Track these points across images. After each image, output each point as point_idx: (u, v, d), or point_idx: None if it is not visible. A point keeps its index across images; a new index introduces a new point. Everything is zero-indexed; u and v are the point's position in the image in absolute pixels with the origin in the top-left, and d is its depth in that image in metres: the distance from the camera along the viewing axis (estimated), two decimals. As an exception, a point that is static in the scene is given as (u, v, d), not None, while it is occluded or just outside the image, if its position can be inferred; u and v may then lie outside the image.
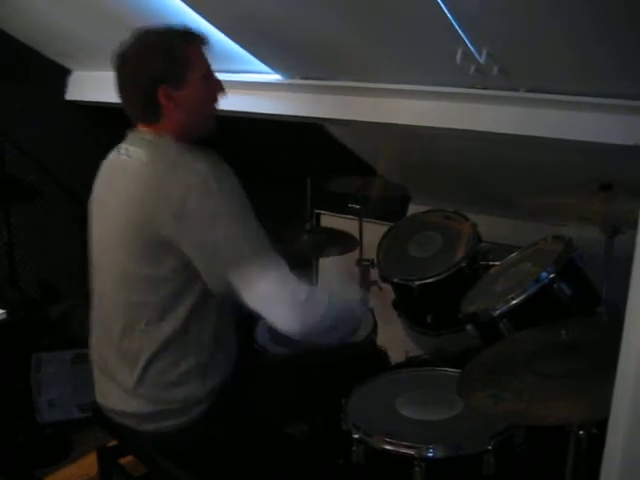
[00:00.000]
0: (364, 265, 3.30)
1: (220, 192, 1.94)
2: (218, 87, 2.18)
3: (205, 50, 2.12)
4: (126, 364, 2.14)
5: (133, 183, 2.05)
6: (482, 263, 2.91)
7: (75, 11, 3.04)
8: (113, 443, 2.45)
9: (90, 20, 3.05)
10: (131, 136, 2.16)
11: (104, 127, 3.87)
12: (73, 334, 3.50)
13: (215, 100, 2.19)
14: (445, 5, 2.02)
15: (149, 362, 2.10)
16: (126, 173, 2.10)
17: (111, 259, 2.14)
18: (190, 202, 1.92)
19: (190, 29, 2.09)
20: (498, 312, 2.38)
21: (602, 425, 1.53)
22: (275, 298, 2.00)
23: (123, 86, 2.10)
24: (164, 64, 2.03)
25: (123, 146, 2.15)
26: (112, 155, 2.20)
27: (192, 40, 2.08)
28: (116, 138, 2.23)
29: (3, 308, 2.91)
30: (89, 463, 2.95)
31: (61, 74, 3.82)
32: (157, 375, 2.11)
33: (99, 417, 2.30)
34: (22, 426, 3.29)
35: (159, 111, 2.06)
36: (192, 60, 2.07)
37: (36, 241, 3.79)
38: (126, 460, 2.45)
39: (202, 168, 1.94)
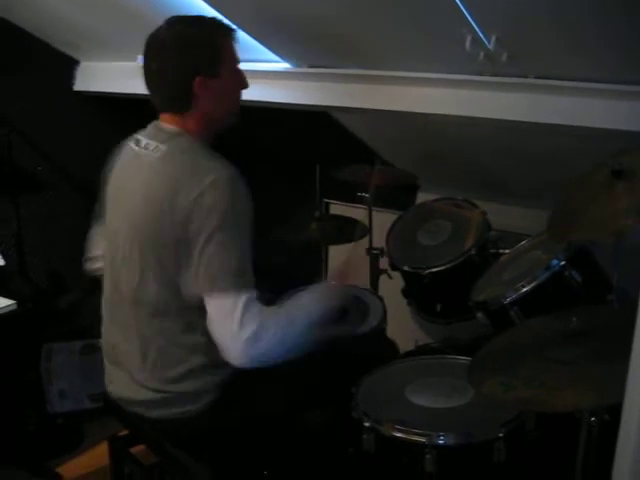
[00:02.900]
0: (373, 254, 3.30)
1: (232, 205, 1.94)
2: (243, 81, 2.19)
3: (235, 43, 2.13)
4: (134, 355, 2.15)
5: (149, 180, 2.05)
6: (492, 251, 2.90)
7: (83, 2, 3.03)
8: (124, 433, 2.46)
9: (98, 11, 3.05)
10: (151, 128, 2.16)
11: (112, 117, 3.88)
12: (82, 324, 3.51)
13: (240, 94, 2.21)
14: (454, -9, 2.02)
15: (157, 355, 2.11)
16: (143, 169, 2.08)
17: (124, 253, 2.13)
18: (201, 208, 1.92)
19: (222, 21, 2.12)
20: (509, 300, 2.38)
21: (614, 411, 1.53)
22: (225, 323, 1.96)
23: (156, 74, 2.09)
24: (203, 54, 2.05)
25: (142, 140, 2.14)
26: (130, 146, 2.18)
27: (227, 32, 2.11)
28: (124, 128, 2.23)
29: (13, 299, 2.91)
30: (100, 453, 2.95)
31: (69, 65, 3.81)
32: (165, 368, 2.11)
33: (110, 406, 2.30)
34: (33, 416, 3.30)
35: (190, 100, 2.07)
36: (226, 52, 2.10)
37: (45, 232, 3.79)
38: (137, 449, 2.46)
39: (221, 177, 1.94)
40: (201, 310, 2.00)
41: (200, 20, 2.09)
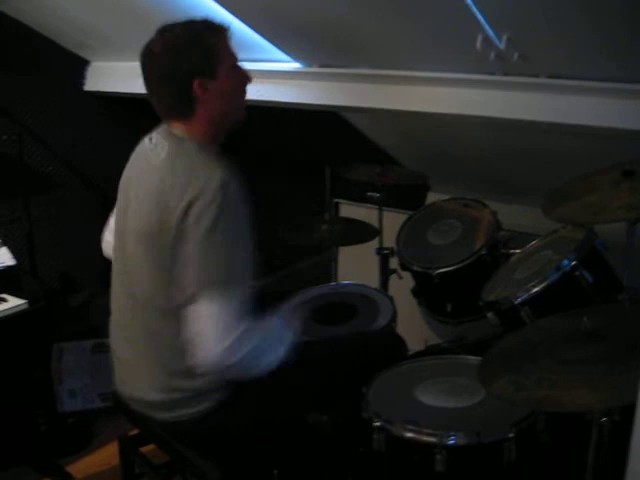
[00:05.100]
0: (383, 254, 3.30)
1: (224, 211, 1.92)
2: (245, 76, 2.19)
3: (229, 40, 2.12)
4: (141, 354, 2.16)
5: (150, 181, 2.06)
6: (502, 251, 2.89)
7: (93, 2, 3.04)
8: (134, 432, 2.46)
9: (108, 11, 3.05)
10: (161, 130, 2.16)
11: (122, 117, 3.90)
12: (93, 323, 3.52)
13: (245, 90, 2.20)
14: (465, -10, 2.01)
15: (164, 353, 2.10)
16: (149, 169, 2.10)
17: (129, 253, 2.14)
18: (193, 211, 1.91)
19: (213, 21, 2.10)
20: (519, 300, 2.38)
21: (625, 412, 1.53)
22: (207, 326, 1.93)
23: (155, 83, 2.10)
24: (197, 57, 2.03)
25: (154, 136, 2.16)
26: (144, 143, 2.19)
27: (218, 31, 2.09)
28: (134, 128, 2.23)
29: (24, 298, 2.92)
30: (110, 452, 2.97)
31: (79, 65, 3.82)
32: (171, 366, 2.10)
33: (120, 406, 2.31)
34: (43, 416, 3.31)
35: (193, 105, 2.07)
36: (221, 51, 2.08)
37: (55, 231, 3.80)
38: (147, 449, 2.46)
39: (215, 182, 1.92)
40: None
41: (190, 24, 2.08)
